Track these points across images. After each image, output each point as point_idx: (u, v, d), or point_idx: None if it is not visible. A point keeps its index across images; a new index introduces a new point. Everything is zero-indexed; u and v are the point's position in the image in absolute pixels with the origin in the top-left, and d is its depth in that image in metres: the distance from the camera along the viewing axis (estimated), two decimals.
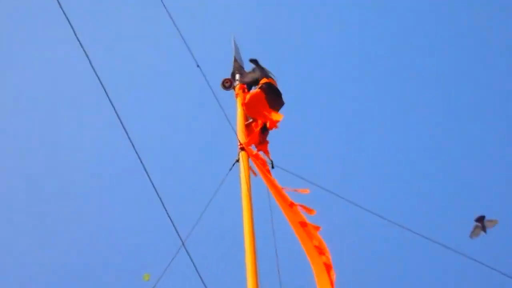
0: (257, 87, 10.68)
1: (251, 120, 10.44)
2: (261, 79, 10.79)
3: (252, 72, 11.11)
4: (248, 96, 10.59)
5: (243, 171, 9.24)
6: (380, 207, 10.01)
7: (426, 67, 21.83)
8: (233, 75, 11.29)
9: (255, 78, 10.92)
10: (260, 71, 10.96)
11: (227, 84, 11.20)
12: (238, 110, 10.49)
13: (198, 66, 10.14)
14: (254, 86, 10.90)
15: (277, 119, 10.22)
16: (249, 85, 11.00)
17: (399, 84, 21.66)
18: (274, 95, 10.59)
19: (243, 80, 11.10)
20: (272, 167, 9.73)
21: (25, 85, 20.53)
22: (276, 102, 10.57)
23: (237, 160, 9.48)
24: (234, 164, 9.47)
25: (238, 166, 9.39)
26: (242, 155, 9.49)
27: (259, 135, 10.20)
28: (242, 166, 9.32)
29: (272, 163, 9.77)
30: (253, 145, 10.09)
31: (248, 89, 10.93)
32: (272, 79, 10.80)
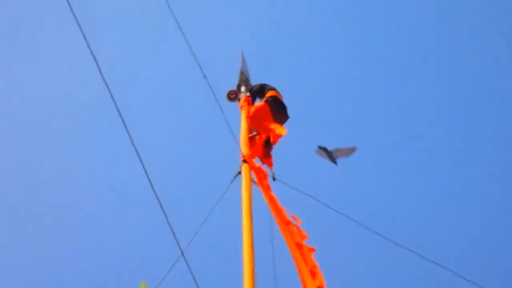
0: (263, 100, 10.72)
1: (255, 133, 10.47)
2: (267, 92, 10.82)
3: (257, 85, 11.14)
4: (253, 109, 10.60)
5: (245, 184, 9.25)
6: (380, 225, 10.06)
7: (432, 88, 21.89)
8: (239, 87, 11.32)
9: (260, 89, 10.93)
10: (265, 86, 10.99)
11: (232, 96, 11.22)
12: (242, 122, 10.51)
13: (205, 77, 10.15)
14: (259, 99, 10.93)
15: (281, 133, 10.23)
16: (254, 97, 11.01)
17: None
18: (279, 109, 10.62)
19: (248, 88, 11.13)
20: (274, 179, 9.75)
21: (28, 89, 20.64)
22: (281, 116, 10.60)
23: (239, 172, 9.49)
24: (236, 176, 9.50)
25: (240, 178, 9.40)
26: (244, 168, 9.49)
27: (263, 149, 10.21)
28: (244, 179, 9.33)
29: (274, 176, 9.80)
30: (258, 158, 10.11)
31: (253, 102, 10.95)
32: (278, 93, 10.83)
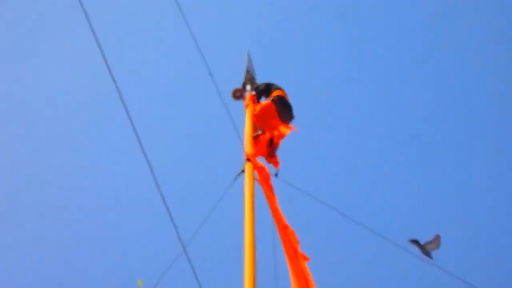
0: (269, 99, 10.72)
1: (260, 132, 10.46)
2: (273, 91, 10.83)
3: (262, 84, 11.16)
4: (259, 107, 10.59)
5: (247, 182, 9.26)
6: (380, 225, 10.09)
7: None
8: (244, 86, 11.32)
9: (266, 88, 10.95)
10: (272, 85, 11.01)
11: (238, 94, 11.23)
12: (247, 121, 10.48)
13: (211, 75, 10.17)
14: (265, 98, 10.94)
15: (284, 133, 10.23)
16: (259, 96, 11.03)
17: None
18: (285, 109, 10.63)
19: (254, 87, 11.15)
20: (276, 176, 9.78)
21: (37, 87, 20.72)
22: (286, 116, 10.60)
23: (243, 171, 9.50)
24: (239, 175, 9.52)
25: (243, 177, 9.41)
26: (248, 167, 9.49)
27: (268, 148, 10.22)
28: (247, 177, 9.33)
29: (277, 173, 9.82)
30: (263, 158, 10.13)
31: (258, 100, 10.96)
32: (284, 92, 10.85)
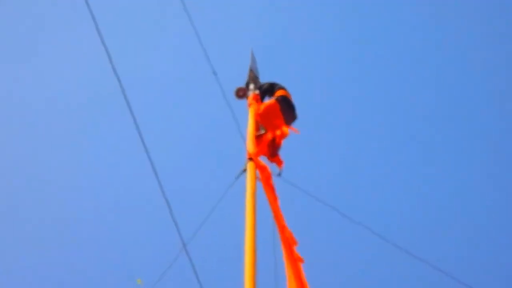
0: (273, 98, 10.72)
1: (263, 132, 10.47)
2: (277, 91, 10.85)
3: (266, 83, 11.17)
4: (263, 106, 10.61)
5: (249, 182, 9.27)
6: (381, 226, 10.11)
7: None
8: (247, 85, 11.34)
9: (270, 87, 10.96)
10: (275, 84, 11.03)
11: (241, 93, 11.24)
12: (250, 120, 10.51)
13: (215, 74, 10.17)
14: (268, 97, 10.95)
15: (287, 133, 10.25)
16: (263, 95, 11.04)
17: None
18: (288, 109, 10.63)
19: (257, 86, 11.17)
20: (279, 175, 9.80)
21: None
22: (290, 116, 10.61)
23: (244, 170, 9.52)
24: (241, 174, 9.55)
25: (245, 176, 9.43)
26: (250, 166, 9.51)
27: (270, 148, 10.24)
28: (249, 177, 9.35)
29: (280, 173, 9.83)
30: (265, 157, 10.15)
31: (262, 100, 10.97)
32: (288, 92, 10.86)
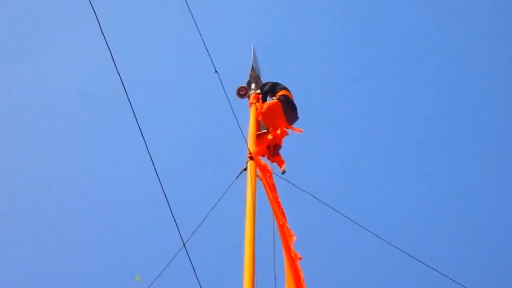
0: (275, 98, 10.72)
1: (264, 131, 10.47)
2: (279, 91, 10.85)
3: (269, 84, 11.16)
4: (266, 105, 10.60)
5: (250, 180, 9.29)
6: (380, 226, 10.13)
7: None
8: (249, 84, 11.34)
9: (272, 87, 10.96)
10: (277, 84, 11.03)
11: (242, 92, 11.23)
12: (251, 119, 10.53)
13: (216, 72, 10.16)
14: (270, 97, 10.95)
15: (285, 133, 10.28)
16: (265, 96, 11.04)
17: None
18: (290, 109, 10.64)
19: (259, 86, 11.17)
20: (283, 173, 9.80)
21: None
22: (291, 116, 10.62)
23: (245, 169, 9.54)
24: (242, 172, 9.56)
25: (246, 175, 9.45)
26: (250, 164, 9.53)
27: (271, 148, 10.25)
28: (249, 175, 9.37)
29: (284, 171, 9.83)
30: (266, 158, 10.15)
31: (264, 99, 10.97)
32: (290, 93, 10.88)
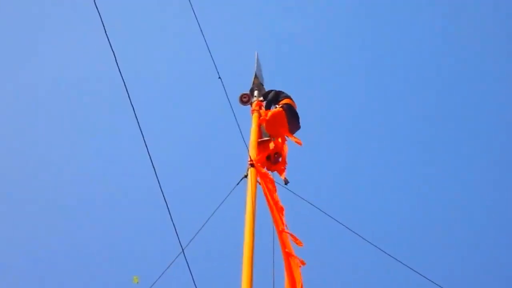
0: (278, 106, 10.69)
1: (266, 138, 10.46)
2: (282, 99, 10.84)
3: (272, 92, 11.15)
4: (270, 113, 10.57)
5: (250, 187, 9.30)
6: (381, 238, 10.13)
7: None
8: (252, 91, 11.35)
9: (275, 96, 10.96)
10: (281, 93, 11.02)
11: (245, 99, 11.25)
12: (253, 127, 10.52)
13: (220, 78, 10.16)
14: (274, 105, 10.93)
15: (285, 142, 10.29)
16: (269, 104, 11.03)
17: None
18: (293, 118, 10.63)
19: (262, 93, 11.18)
20: (286, 183, 9.79)
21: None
22: (293, 125, 10.61)
23: (246, 176, 9.54)
24: (242, 179, 9.56)
25: (246, 182, 9.45)
26: (251, 172, 9.54)
27: (273, 156, 10.26)
28: (250, 182, 9.38)
29: (286, 181, 9.82)
30: (267, 165, 10.14)
31: (267, 108, 10.96)
32: (293, 101, 10.89)
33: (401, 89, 22.25)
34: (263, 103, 11.04)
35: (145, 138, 6.71)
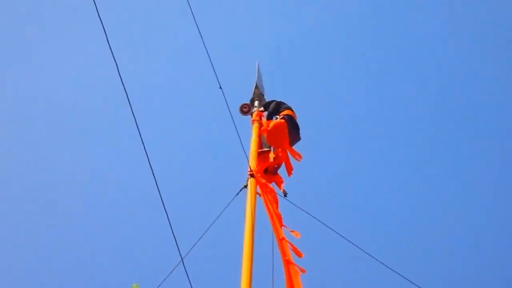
0: (279, 117, 10.67)
1: (266, 149, 10.44)
2: (283, 110, 10.84)
3: (273, 102, 11.16)
4: (272, 124, 10.52)
5: (250, 198, 9.33)
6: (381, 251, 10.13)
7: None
8: (252, 101, 11.36)
9: (276, 106, 10.96)
10: (282, 104, 11.03)
11: (245, 109, 11.25)
12: (253, 137, 10.53)
13: (220, 88, 10.18)
14: (275, 116, 10.92)
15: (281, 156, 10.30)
16: (270, 115, 11.02)
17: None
18: (293, 129, 10.62)
19: (263, 104, 11.19)
20: (285, 196, 9.80)
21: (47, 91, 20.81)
22: (294, 137, 10.59)
23: (245, 186, 9.58)
24: (242, 190, 9.58)
25: (246, 192, 9.48)
26: (251, 182, 9.57)
27: (272, 167, 10.25)
28: (249, 193, 9.41)
29: (285, 193, 9.83)
30: (265, 175, 10.13)
31: (269, 118, 10.97)
32: (293, 113, 10.90)
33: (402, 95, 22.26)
34: (264, 113, 11.07)
35: (145, 147, 6.74)
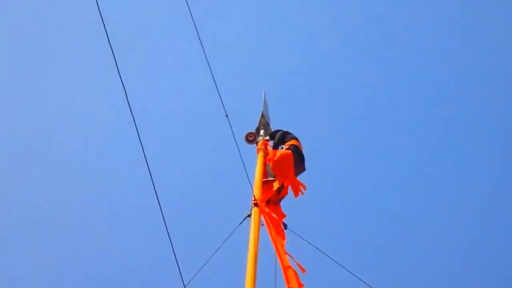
0: (285, 147, 10.70)
1: (271, 178, 10.45)
2: (289, 140, 10.87)
3: (279, 132, 11.17)
4: (279, 154, 10.50)
5: (253, 227, 9.31)
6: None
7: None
8: (258, 130, 11.39)
9: (282, 136, 10.98)
10: (288, 133, 11.04)
11: (251, 138, 11.27)
12: (258, 166, 10.54)
13: (227, 116, 10.20)
14: (280, 146, 10.94)
15: (291, 186, 10.30)
16: (276, 144, 11.04)
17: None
18: (298, 160, 10.62)
19: (268, 133, 11.22)
20: (285, 228, 9.78)
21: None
22: (299, 167, 10.60)
23: (249, 215, 9.58)
24: (246, 218, 9.58)
25: (249, 221, 9.47)
26: (255, 211, 9.57)
27: (275, 197, 10.23)
28: (253, 222, 9.39)
29: (285, 225, 9.82)
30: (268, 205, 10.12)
31: (275, 147, 11.00)
32: (299, 143, 10.90)
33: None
34: (269, 143, 11.09)
35: (151, 174, 6.76)
